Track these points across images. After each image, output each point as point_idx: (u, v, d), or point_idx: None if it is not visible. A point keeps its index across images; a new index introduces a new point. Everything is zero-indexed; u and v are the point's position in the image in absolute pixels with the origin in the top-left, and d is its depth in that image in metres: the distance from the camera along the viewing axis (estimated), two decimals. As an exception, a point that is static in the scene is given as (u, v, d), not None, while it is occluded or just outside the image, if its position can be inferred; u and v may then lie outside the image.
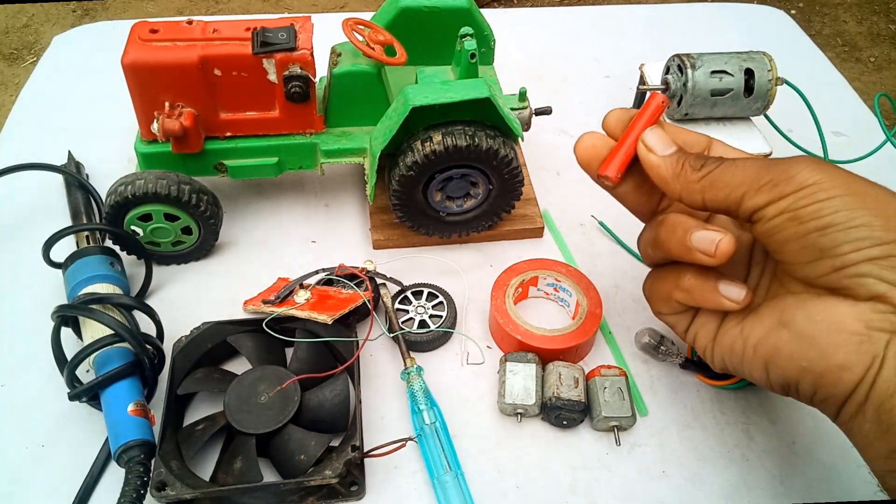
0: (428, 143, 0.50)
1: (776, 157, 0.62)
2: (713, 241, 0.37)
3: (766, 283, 0.40)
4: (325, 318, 0.48)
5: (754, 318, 0.38)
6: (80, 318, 0.48)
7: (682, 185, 0.38)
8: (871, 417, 0.33)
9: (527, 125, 0.58)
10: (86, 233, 0.54)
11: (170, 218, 0.53)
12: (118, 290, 0.50)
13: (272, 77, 0.51)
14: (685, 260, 0.39)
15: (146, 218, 0.53)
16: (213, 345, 0.49)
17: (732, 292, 0.38)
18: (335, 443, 0.44)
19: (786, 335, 0.36)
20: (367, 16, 0.59)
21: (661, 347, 0.50)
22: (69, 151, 0.63)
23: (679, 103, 0.61)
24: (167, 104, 0.51)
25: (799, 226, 0.34)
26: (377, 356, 0.52)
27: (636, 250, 0.48)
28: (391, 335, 0.51)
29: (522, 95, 0.58)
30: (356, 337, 0.49)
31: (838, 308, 0.34)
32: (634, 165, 0.41)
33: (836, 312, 0.34)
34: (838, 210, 0.33)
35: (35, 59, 1.90)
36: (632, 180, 0.42)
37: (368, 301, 0.51)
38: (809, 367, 0.35)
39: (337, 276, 0.54)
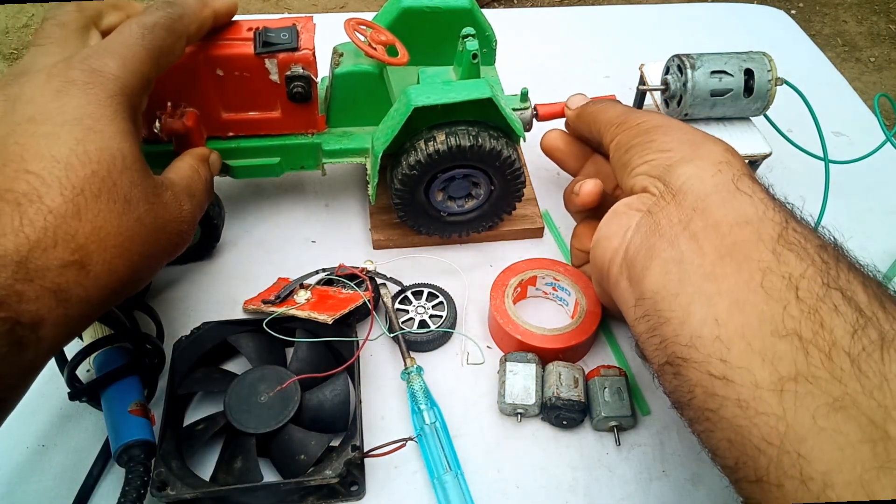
0: (431, 143, 0.51)
1: (776, 157, 0.62)
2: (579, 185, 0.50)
3: None
4: (326, 318, 0.48)
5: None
6: (81, 318, 0.48)
7: (570, 119, 0.55)
8: (625, 276, 0.40)
9: (528, 126, 0.58)
10: (86, 233, 0.54)
11: (170, 218, 0.53)
12: (118, 290, 0.50)
13: (274, 77, 0.51)
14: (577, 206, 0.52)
15: (146, 218, 0.53)
16: (213, 345, 0.49)
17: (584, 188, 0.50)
18: (335, 443, 0.44)
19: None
20: (367, 16, 0.59)
21: None
22: (69, 151, 0.63)
23: (679, 103, 0.61)
24: (169, 104, 0.51)
25: (618, 151, 0.45)
26: (377, 356, 0.52)
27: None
28: (391, 335, 0.51)
29: (524, 96, 0.58)
30: (356, 337, 0.49)
31: (619, 201, 0.43)
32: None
33: (616, 204, 0.43)
34: (643, 133, 0.44)
35: (35, 59, 1.89)
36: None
37: (368, 301, 0.51)
38: (594, 244, 0.44)
39: (337, 276, 0.54)
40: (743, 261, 0.34)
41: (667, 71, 0.63)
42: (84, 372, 0.47)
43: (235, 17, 0.51)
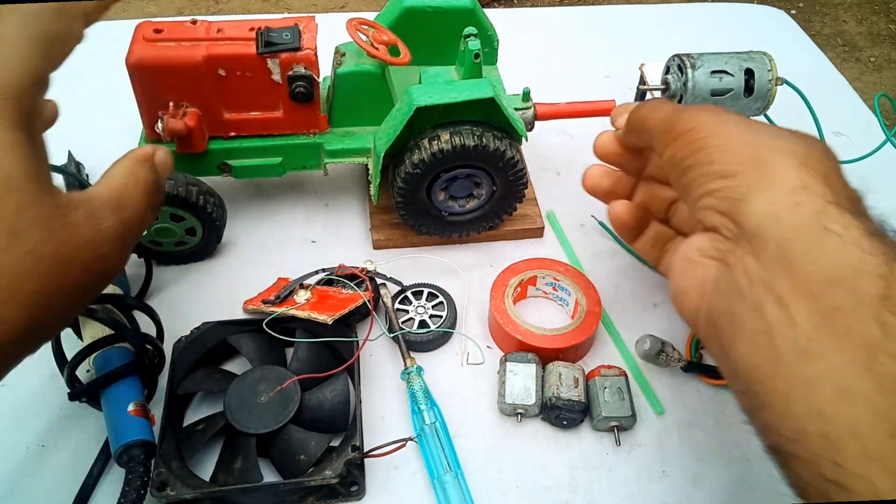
0: (436, 142, 0.51)
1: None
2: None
3: None
4: (326, 318, 0.48)
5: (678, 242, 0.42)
6: (80, 318, 0.48)
7: (620, 138, 0.45)
8: (713, 341, 0.35)
9: (530, 125, 0.58)
10: (86, 232, 0.54)
11: (175, 218, 0.53)
12: (118, 290, 0.50)
13: (276, 77, 0.51)
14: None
15: (148, 217, 0.53)
16: (213, 345, 0.49)
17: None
18: (335, 443, 0.44)
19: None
20: (367, 15, 0.59)
21: (663, 353, 0.49)
22: (69, 151, 0.63)
23: (679, 103, 0.61)
24: (171, 104, 0.51)
25: (674, 169, 0.37)
26: (377, 356, 0.52)
27: (636, 250, 0.48)
28: (391, 335, 0.51)
29: (526, 95, 0.58)
30: (356, 337, 0.49)
31: (688, 240, 0.37)
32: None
33: (688, 242, 0.37)
34: (699, 150, 0.35)
35: (35, 58, 1.89)
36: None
37: (368, 301, 0.51)
38: (672, 298, 0.38)
39: (337, 276, 0.54)
40: (843, 334, 0.28)
41: (667, 71, 0.63)
42: (84, 372, 0.47)
43: (236, 17, 0.51)
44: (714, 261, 0.34)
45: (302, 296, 0.51)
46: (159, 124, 0.51)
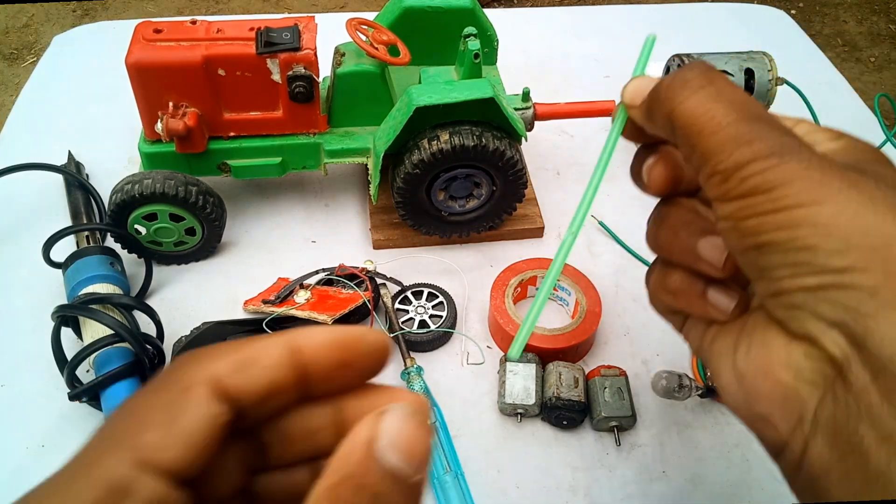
0: (435, 142, 0.51)
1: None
2: (722, 254, 0.29)
3: None
4: (325, 318, 0.48)
5: (728, 329, 0.30)
6: (80, 318, 0.48)
7: (655, 118, 0.29)
8: (807, 492, 0.26)
9: (530, 125, 0.58)
10: (86, 233, 0.54)
11: (175, 218, 0.53)
12: (118, 290, 0.50)
13: (276, 77, 0.51)
14: (689, 266, 0.31)
15: (150, 217, 0.53)
16: (212, 345, 0.49)
17: (721, 301, 0.30)
18: (335, 443, 0.44)
19: (729, 361, 0.29)
20: (367, 15, 0.59)
21: (682, 388, 0.47)
22: (69, 151, 0.63)
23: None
24: (171, 104, 0.51)
25: (739, 238, 0.26)
26: (377, 356, 0.52)
27: (636, 250, 0.48)
28: (391, 335, 0.51)
29: (526, 95, 0.58)
30: (356, 337, 0.49)
31: (772, 344, 0.27)
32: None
33: (768, 350, 0.27)
34: (790, 226, 0.24)
35: (35, 59, 1.90)
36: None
37: (368, 301, 0.51)
38: (735, 407, 0.29)
39: (337, 276, 0.54)
40: None
41: (667, 71, 0.63)
42: (84, 372, 0.47)
43: (236, 17, 0.51)
44: (815, 388, 0.25)
45: (302, 296, 0.51)
46: (159, 124, 0.51)
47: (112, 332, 0.45)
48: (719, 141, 0.25)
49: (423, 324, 0.53)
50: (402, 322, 0.53)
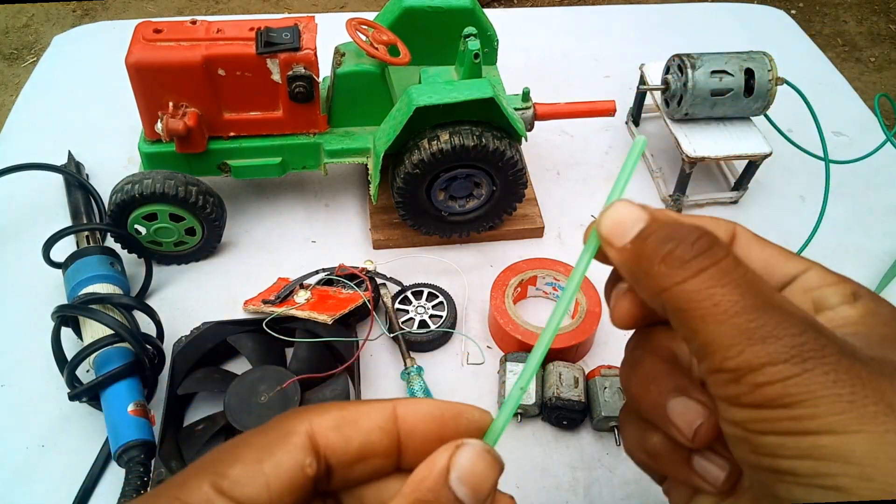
0: (435, 142, 0.51)
1: (776, 157, 0.62)
2: (692, 421, 0.25)
3: None
4: (325, 318, 0.48)
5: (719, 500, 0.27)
6: (80, 318, 0.48)
7: (644, 291, 0.24)
8: None
9: (530, 125, 0.58)
10: (86, 233, 0.54)
11: (175, 218, 0.53)
12: (118, 290, 0.50)
13: (276, 77, 0.51)
14: (658, 425, 0.27)
15: (150, 217, 0.53)
16: (213, 345, 0.49)
17: (709, 471, 0.26)
18: (335, 443, 0.44)
19: None
20: (367, 15, 0.59)
21: None
22: (69, 151, 0.63)
23: (679, 103, 0.61)
24: (171, 104, 0.51)
25: (751, 454, 0.22)
26: (377, 356, 0.52)
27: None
28: (391, 335, 0.51)
29: (525, 95, 0.58)
30: (356, 337, 0.49)
31: None
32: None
33: None
34: (811, 454, 0.20)
35: (35, 59, 1.90)
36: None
37: (368, 301, 0.51)
38: None
39: (337, 276, 0.54)
40: None
41: (667, 70, 0.63)
42: (84, 372, 0.47)
43: (236, 17, 0.51)
44: None
45: (302, 296, 0.51)
46: (159, 124, 0.51)
47: (112, 332, 0.45)
48: (726, 332, 0.21)
49: (423, 324, 0.53)
50: (402, 322, 0.53)
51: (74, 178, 0.60)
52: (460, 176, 0.53)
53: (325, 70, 0.55)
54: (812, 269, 0.25)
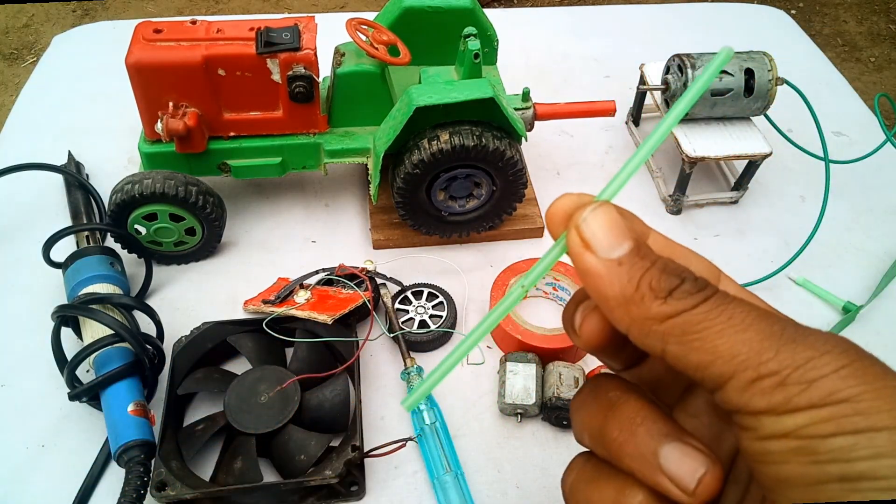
0: (435, 142, 0.51)
1: (776, 157, 0.62)
2: (693, 470, 0.22)
3: None
4: (325, 318, 0.48)
5: None
6: (80, 318, 0.48)
7: (633, 316, 0.22)
8: None
9: (530, 125, 0.58)
10: (86, 233, 0.54)
11: (175, 218, 0.53)
12: (118, 290, 0.50)
13: (276, 77, 0.51)
14: (643, 480, 0.23)
15: (150, 217, 0.53)
16: (213, 345, 0.49)
17: None
18: (335, 443, 0.44)
19: None
20: (367, 15, 0.59)
21: None
22: (69, 151, 0.63)
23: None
24: (171, 104, 0.51)
25: (812, 465, 0.19)
26: (377, 356, 0.52)
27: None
28: (391, 335, 0.51)
29: (525, 95, 0.58)
30: (356, 337, 0.49)
31: None
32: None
33: None
34: (882, 454, 0.18)
35: (35, 59, 1.90)
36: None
37: (368, 301, 0.51)
38: None
39: (337, 276, 0.54)
40: None
41: (667, 71, 0.63)
42: (84, 372, 0.47)
43: (236, 17, 0.51)
44: None
45: (302, 296, 0.51)
46: (159, 124, 0.51)
47: (112, 332, 0.45)
48: (752, 338, 0.20)
49: (423, 324, 0.53)
50: (402, 322, 0.53)
51: (74, 178, 0.60)
52: (460, 176, 0.53)
53: (325, 70, 0.55)
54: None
